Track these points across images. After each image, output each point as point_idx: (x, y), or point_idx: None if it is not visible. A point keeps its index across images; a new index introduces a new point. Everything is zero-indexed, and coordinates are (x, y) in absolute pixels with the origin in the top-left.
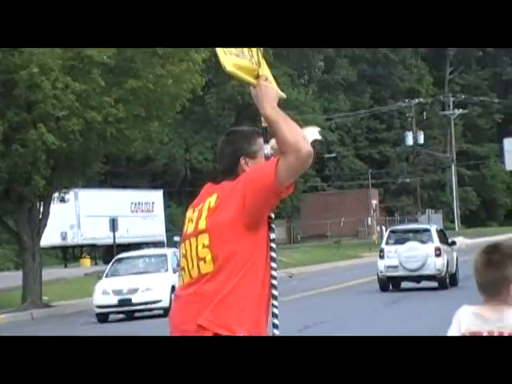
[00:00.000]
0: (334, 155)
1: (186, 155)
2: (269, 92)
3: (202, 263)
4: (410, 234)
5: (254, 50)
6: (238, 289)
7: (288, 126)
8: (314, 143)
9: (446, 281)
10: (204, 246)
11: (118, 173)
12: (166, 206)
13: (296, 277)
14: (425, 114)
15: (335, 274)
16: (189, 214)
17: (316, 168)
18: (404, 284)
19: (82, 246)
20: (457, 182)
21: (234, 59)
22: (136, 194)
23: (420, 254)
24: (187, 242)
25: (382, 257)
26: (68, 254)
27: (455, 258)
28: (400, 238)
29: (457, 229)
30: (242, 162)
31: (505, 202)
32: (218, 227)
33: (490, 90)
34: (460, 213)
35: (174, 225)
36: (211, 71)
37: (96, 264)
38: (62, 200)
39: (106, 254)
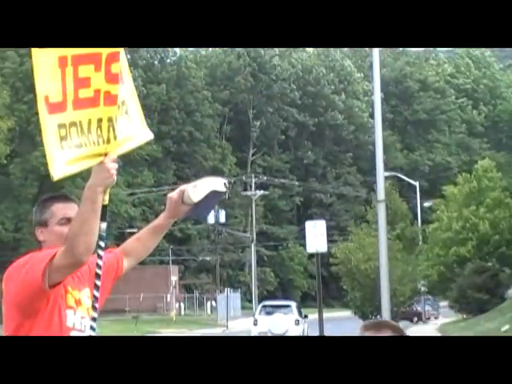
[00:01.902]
0: (135, 230)
1: None
2: (104, 174)
3: None
4: (276, 308)
5: (105, 125)
6: None
7: (86, 218)
8: (215, 194)
9: None
10: None
11: None
12: None
13: None
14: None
15: None
16: None
17: (117, 243)
18: None
19: None
20: (256, 261)
21: (74, 154)
22: None
23: (284, 323)
24: None
25: (255, 324)
26: None
27: (306, 327)
28: (269, 311)
29: (254, 309)
30: (38, 231)
31: (301, 284)
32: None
33: (290, 172)
34: (258, 292)
35: None
36: (15, 140)
37: None
38: None
39: None
